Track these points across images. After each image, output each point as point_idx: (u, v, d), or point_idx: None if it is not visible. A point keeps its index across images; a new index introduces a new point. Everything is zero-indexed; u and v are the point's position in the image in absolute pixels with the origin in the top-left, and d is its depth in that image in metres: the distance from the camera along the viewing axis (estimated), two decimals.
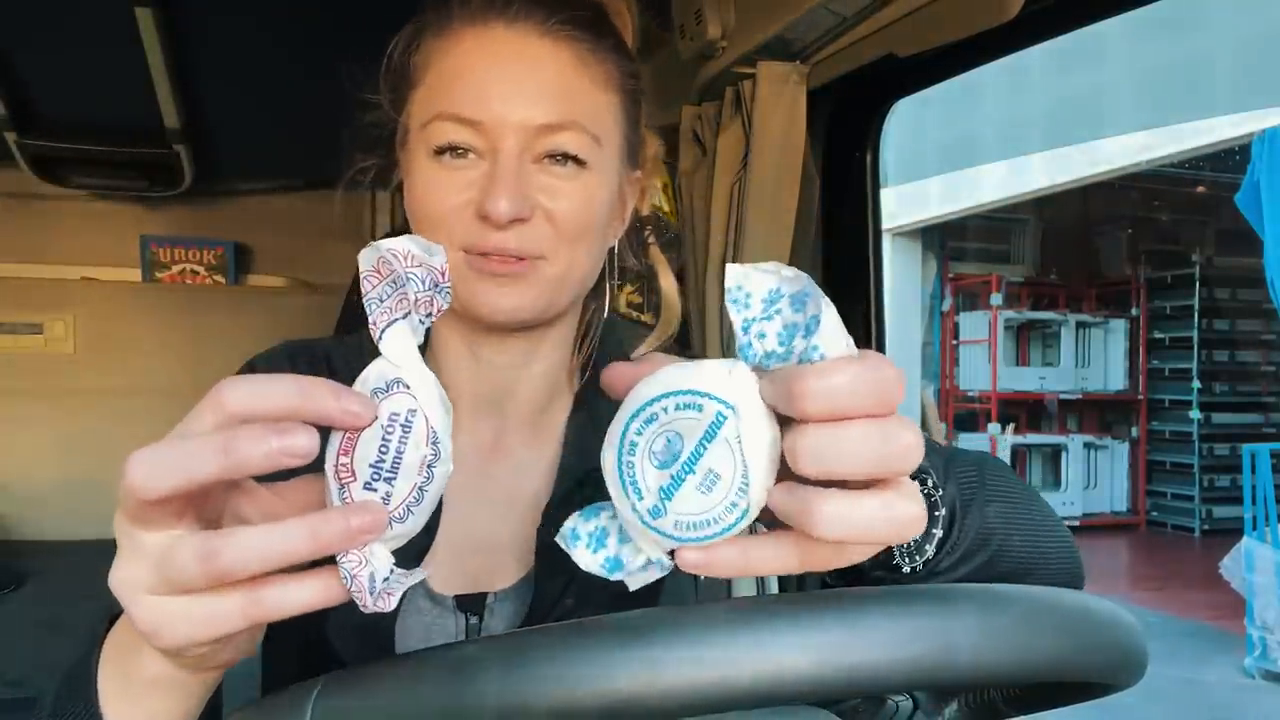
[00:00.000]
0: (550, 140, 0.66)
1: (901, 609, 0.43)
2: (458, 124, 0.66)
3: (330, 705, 0.45)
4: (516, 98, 0.65)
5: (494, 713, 0.41)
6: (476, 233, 0.66)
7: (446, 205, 0.66)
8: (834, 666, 0.41)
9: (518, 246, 0.66)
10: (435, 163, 0.67)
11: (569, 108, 0.67)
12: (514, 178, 0.65)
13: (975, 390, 9.34)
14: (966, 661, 0.42)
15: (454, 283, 0.62)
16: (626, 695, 0.40)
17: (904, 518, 0.38)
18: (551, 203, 0.67)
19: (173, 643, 0.41)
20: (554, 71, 0.67)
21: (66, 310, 2.37)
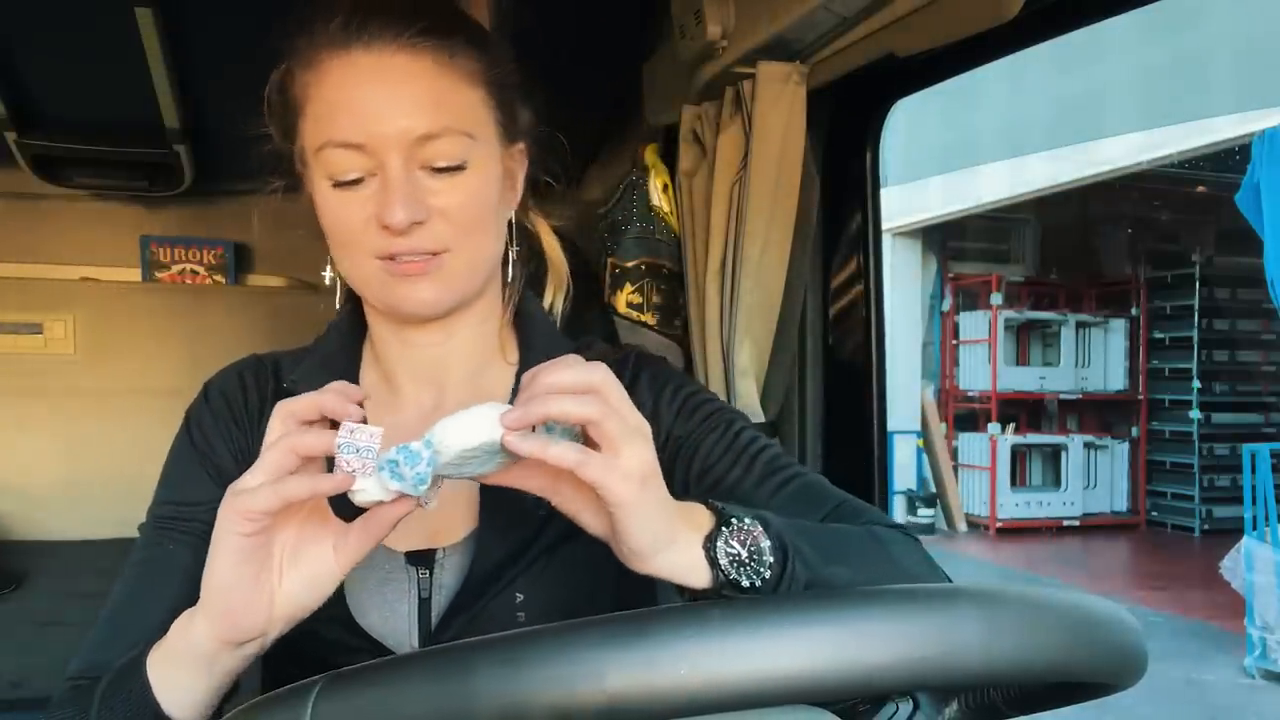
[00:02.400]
0: (429, 149, 0.73)
1: (901, 609, 0.43)
2: (345, 149, 0.73)
3: (330, 705, 0.45)
4: (390, 114, 0.72)
5: (493, 712, 0.41)
6: (383, 242, 0.73)
7: (353, 224, 0.74)
8: (835, 666, 0.41)
9: (422, 246, 0.74)
10: (332, 190, 0.74)
11: (439, 114, 0.73)
12: (404, 188, 0.72)
13: (975, 390, 9.34)
14: (967, 662, 0.42)
15: (375, 287, 0.77)
16: (625, 695, 0.40)
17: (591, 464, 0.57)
18: (444, 203, 0.74)
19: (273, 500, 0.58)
20: (418, 82, 0.73)
21: (66, 310, 2.37)
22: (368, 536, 0.63)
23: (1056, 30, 1.13)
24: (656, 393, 0.83)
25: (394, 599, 0.79)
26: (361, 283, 0.78)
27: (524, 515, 0.78)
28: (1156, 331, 9.29)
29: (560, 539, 0.78)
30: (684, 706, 0.40)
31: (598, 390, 0.60)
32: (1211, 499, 8.64)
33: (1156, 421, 9.35)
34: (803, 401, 1.54)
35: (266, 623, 0.62)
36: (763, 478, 0.79)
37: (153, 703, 0.63)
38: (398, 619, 0.79)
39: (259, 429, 0.76)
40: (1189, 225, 9.12)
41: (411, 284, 0.75)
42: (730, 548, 0.61)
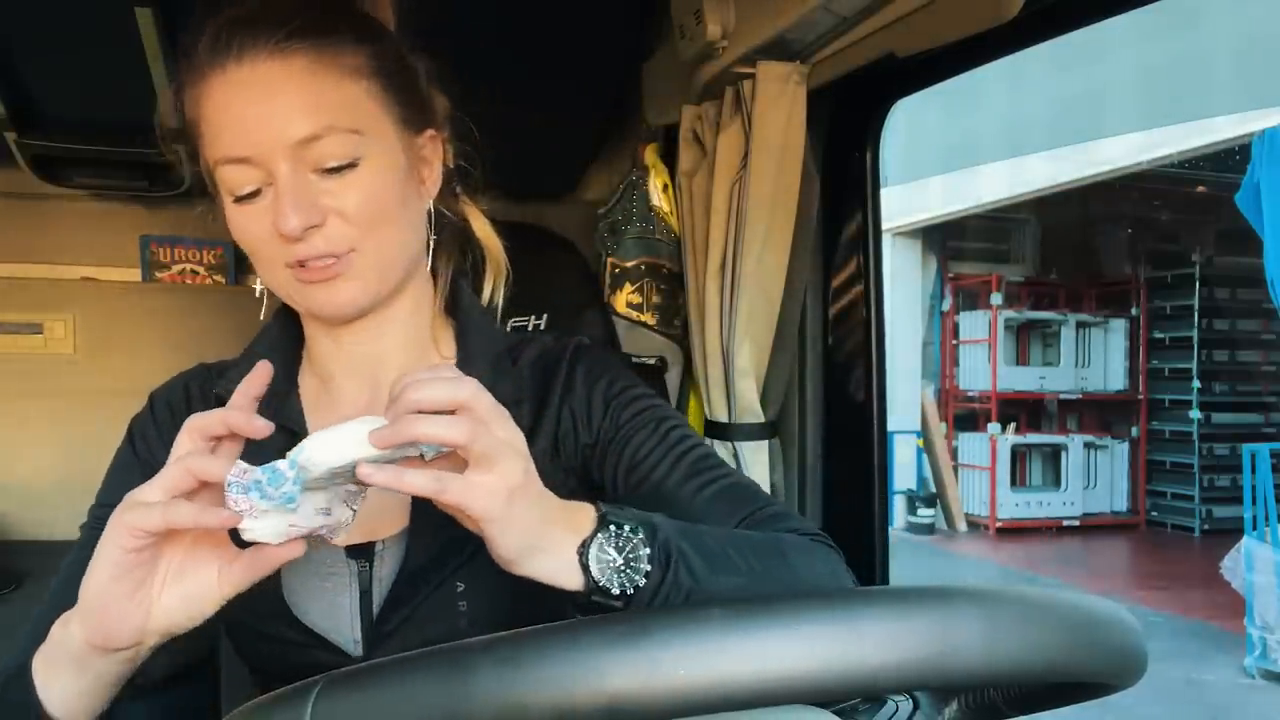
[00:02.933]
0: (315, 151, 0.72)
1: (901, 609, 0.43)
2: (235, 164, 0.73)
3: (330, 705, 0.45)
4: (267, 123, 0.71)
5: (493, 712, 0.41)
6: (287, 250, 0.73)
7: (257, 236, 0.75)
8: (835, 666, 0.41)
9: (325, 249, 0.73)
10: (233, 206, 0.75)
11: (318, 115, 0.72)
12: (294, 195, 0.71)
13: (975, 390, 9.34)
14: (968, 662, 0.42)
15: (293, 295, 0.77)
16: (625, 695, 0.40)
17: (449, 490, 0.58)
18: (340, 204, 0.73)
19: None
20: (291, 86, 0.72)
21: (66, 310, 2.36)
22: (252, 571, 0.62)
23: (1056, 30, 1.13)
24: (590, 385, 0.83)
25: (335, 593, 0.79)
26: (280, 291, 0.78)
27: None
28: (1156, 331, 9.29)
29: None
30: (685, 706, 0.40)
31: (467, 407, 0.59)
32: (1211, 499, 8.63)
33: (1156, 421, 9.35)
34: (803, 401, 1.54)
35: (140, 634, 0.62)
36: (688, 477, 0.79)
37: (36, 702, 0.64)
38: (340, 612, 0.79)
39: None
40: (1189, 225, 9.12)
41: (324, 288, 0.75)
42: (605, 554, 0.62)
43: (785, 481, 1.55)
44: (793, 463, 1.55)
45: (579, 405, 0.82)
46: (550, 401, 0.82)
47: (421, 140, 0.81)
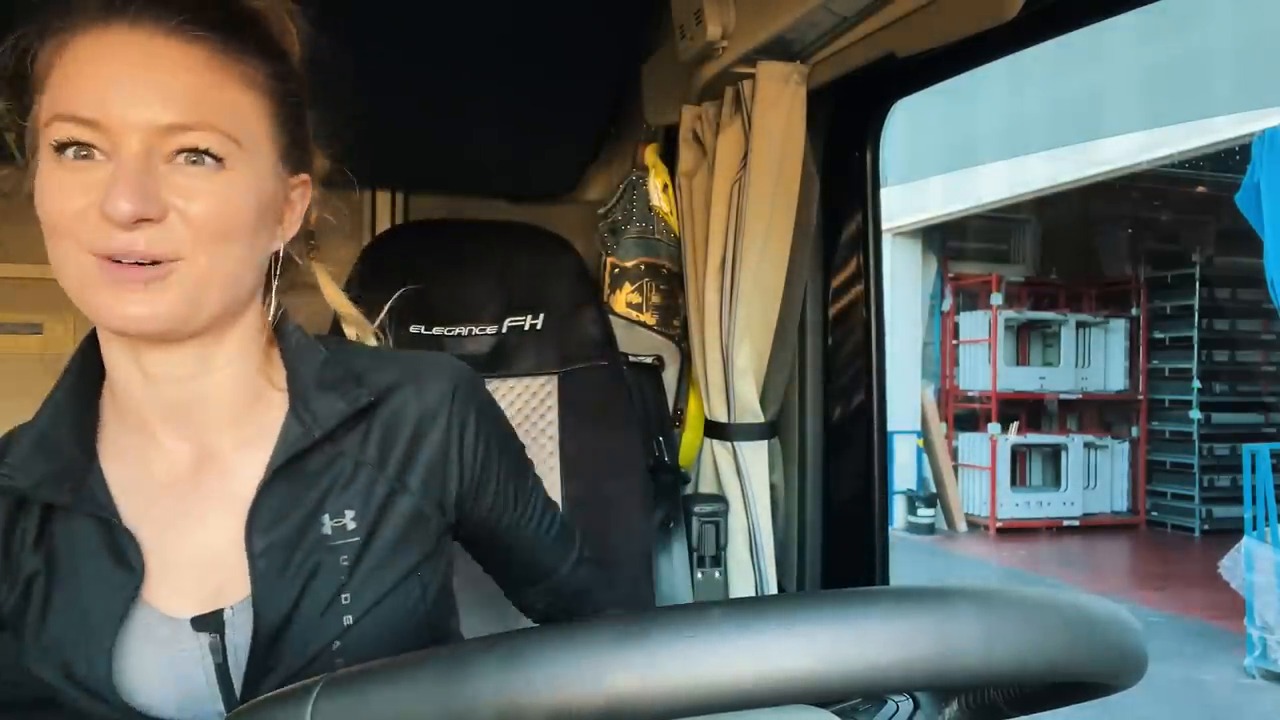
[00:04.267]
0: (179, 139, 0.64)
1: (901, 610, 0.43)
2: (76, 124, 0.63)
3: (331, 705, 0.45)
4: (140, 98, 0.63)
5: (493, 712, 0.41)
6: (104, 235, 0.63)
7: (72, 208, 0.63)
8: (835, 666, 0.41)
9: (147, 248, 0.63)
10: (58, 164, 0.64)
11: (200, 108, 0.65)
12: (136, 177, 0.62)
13: (975, 390, 9.34)
14: (968, 662, 0.42)
15: (84, 291, 0.64)
16: (625, 695, 0.40)
17: None
18: (186, 203, 0.64)
19: None
20: (182, 72, 0.65)
21: (66, 310, 2.35)
22: None
23: (1056, 30, 1.13)
24: (465, 425, 0.78)
25: (186, 674, 0.70)
26: (73, 283, 0.66)
27: (323, 542, 0.71)
28: (1156, 331, 9.28)
29: (381, 564, 0.73)
30: (684, 707, 0.40)
31: None
32: (1211, 499, 8.63)
33: (1156, 421, 9.35)
34: (803, 401, 1.54)
35: None
36: (539, 523, 0.87)
37: None
38: (198, 696, 0.70)
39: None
40: (1189, 225, 9.12)
41: (128, 292, 0.64)
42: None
43: (785, 481, 1.55)
44: (793, 463, 1.55)
45: (453, 441, 0.77)
46: (424, 431, 0.76)
47: (294, 181, 0.76)
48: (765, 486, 1.48)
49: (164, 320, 0.66)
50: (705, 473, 1.53)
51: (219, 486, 0.72)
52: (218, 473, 0.73)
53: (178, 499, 0.72)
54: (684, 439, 1.60)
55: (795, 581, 1.52)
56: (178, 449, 0.73)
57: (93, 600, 0.69)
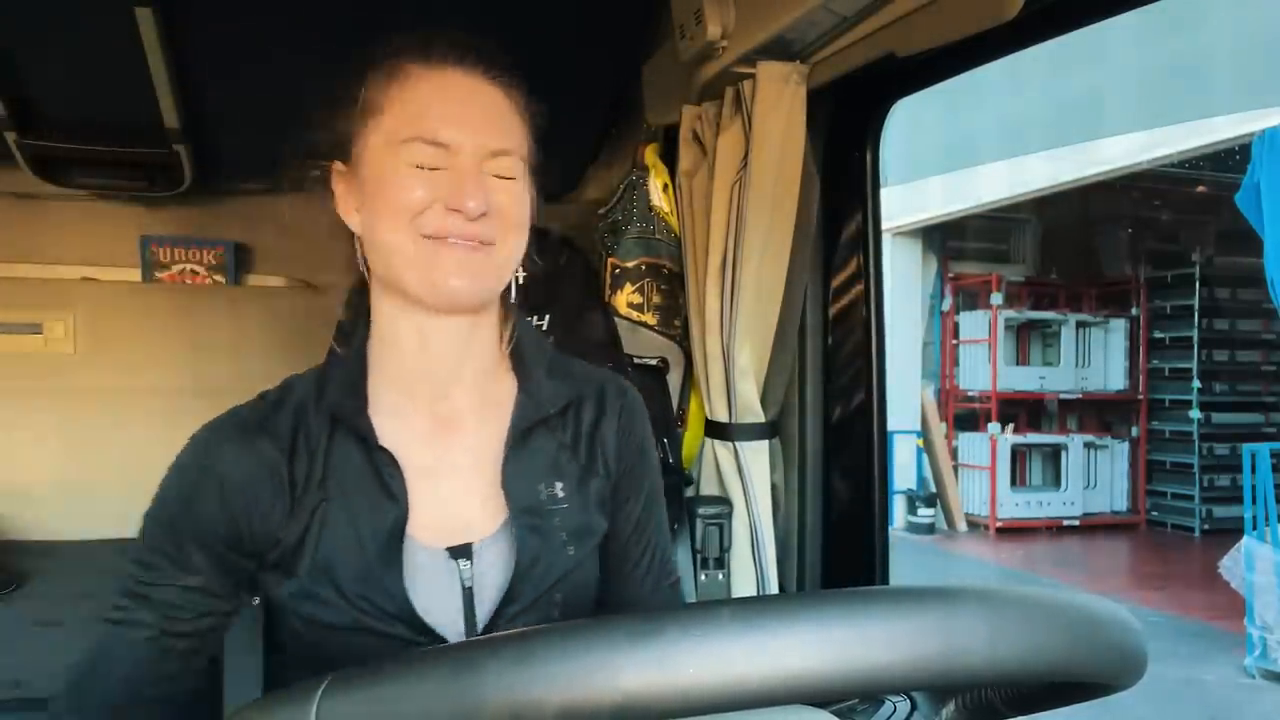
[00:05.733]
0: (498, 161, 0.85)
1: (906, 609, 0.43)
2: (433, 146, 0.83)
3: (335, 704, 0.45)
4: (475, 126, 0.85)
5: (501, 711, 0.41)
6: (446, 224, 0.82)
7: (418, 201, 0.82)
8: (838, 666, 0.41)
9: (479, 233, 0.83)
10: (410, 172, 0.83)
11: (507, 136, 0.87)
12: (478, 184, 0.83)
13: (975, 390, 9.33)
14: (971, 662, 0.42)
15: (418, 265, 0.83)
16: (633, 694, 0.40)
17: None
18: (500, 201, 0.85)
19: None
20: (497, 108, 0.87)
21: (66, 310, 2.36)
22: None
23: (1056, 30, 1.13)
24: (629, 427, 0.97)
25: (443, 592, 0.85)
26: (403, 260, 0.84)
27: (544, 505, 0.89)
28: (1156, 331, 9.28)
29: (580, 531, 0.90)
30: (691, 705, 0.40)
31: None
32: (1211, 499, 8.63)
33: (1156, 421, 9.35)
34: (803, 401, 1.54)
35: None
36: (648, 570, 0.98)
37: None
38: (451, 611, 0.85)
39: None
40: (1189, 225, 9.12)
41: (459, 264, 0.83)
42: None
43: (785, 481, 1.55)
44: (793, 463, 1.55)
45: (619, 436, 0.96)
46: (602, 415, 0.95)
47: (533, 193, 0.92)
48: (766, 486, 1.48)
49: (479, 293, 0.86)
50: (707, 473, 1.53)
51: (458, 442, 0.89)
52: (459, 431, 0.90)
53: (427, 448, 0.88)
54: (685, 439, 1.60)
55: (795, 581, 1.53)
56: (428, 408, 0.89)
57: (366, 531, 0.83)
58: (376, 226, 0.85)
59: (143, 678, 0.83)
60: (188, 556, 0.83)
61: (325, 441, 0.86)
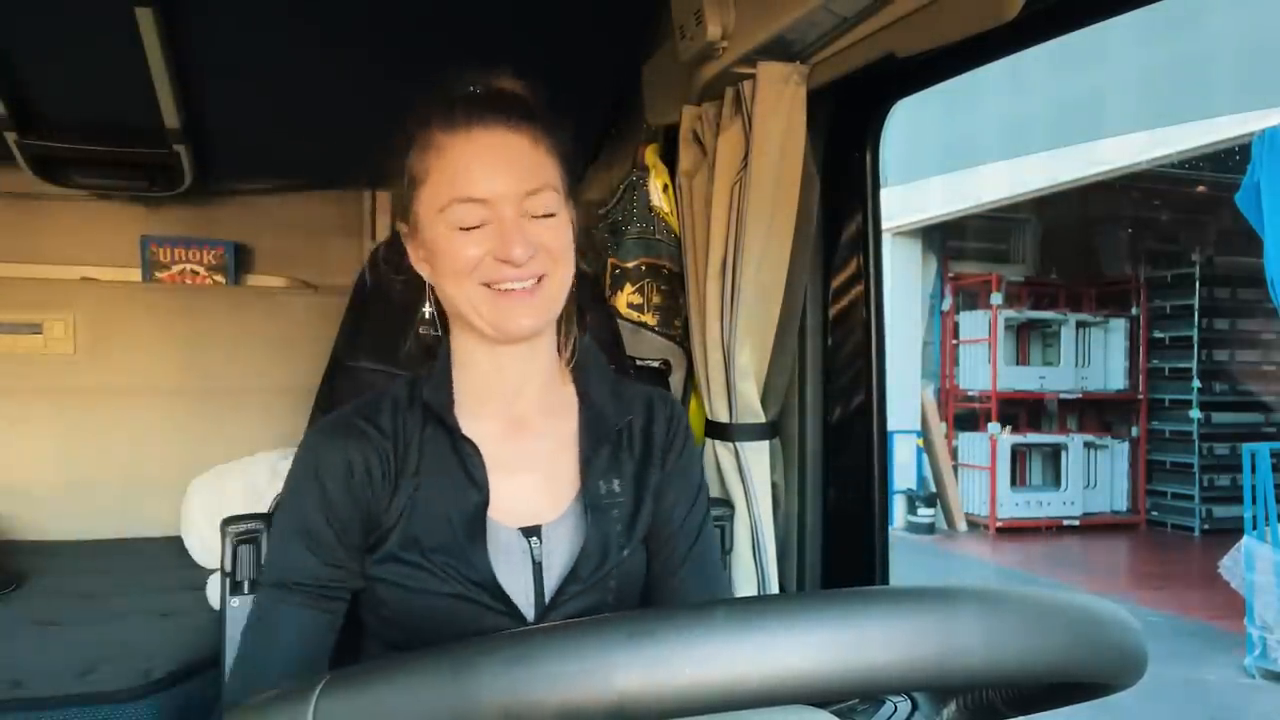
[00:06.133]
0: (533, 201, 0.94)
1: (905, 610, 0.43)
2: (471, 203, 0.93)
3: (332, 704, 0.45)
4: (506, 176, 0.93)
5: (496, 711, 0.41)
6: (495, 272, 0.93)
7: (474, 256, 0.93)
8: (836, 666, 0.41)
9: (532, 273, 0.94)
10: (458, 234, 0.93)
11: (539, 175, 0.95)
12: (520, 232, 0.92)
13: (975, 390, 9.33)
14: (969, 662, 0.43)
15: (484, 310, 0.96)
16: (629, 694, 0.40)
17: None
18: (544, 240, 0.94)
19: None
20: (523, 153, 0.95)
21: (66, 310, 2.37)
22: None
23: (1057, 30, 1.13)
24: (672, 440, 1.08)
25: (518, 566, 0.97)
26: (470, 307, 0.95)
27: (603, 498, 1.01)
28: (1156, 331, 9.28)
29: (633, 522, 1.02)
30: (689, 706, 0.40)
31: None
32: (1211, 498, 8.62)
33: (1156, 421, 9.34)
34: (803, 401, 1.54)
35: None
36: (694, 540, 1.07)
37: None
38: (524, 582, 0.97)
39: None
40: (1189, 225, 9.11)
41: (519, 305, 0.94)
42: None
43: (785, 481, 1.55)
44: (793, 463, 1.55)
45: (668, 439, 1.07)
46: (653, 423, 1.07)
47: (571, 209, 1.02)
48: (767, 486, 1.48)
49: (540, 323, 0.98)
50: (708, 473, 1.53)
51: (526, 440, 1.02)
52: (528, 432, 1.02)
53: (501, 444, 1.00)
54: None
55: (795, 581, 1.53)
56: (502, 413, 1.02)
57: (453, 510, 0.96)
58: (442, 281, 0.97)
59: (303, 644, 0.94)
60: (325, 537, 0.95)
61: (419, 433, 0.99)
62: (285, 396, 2.20)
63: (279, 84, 1.87)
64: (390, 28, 1.67)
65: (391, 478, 0.97)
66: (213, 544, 1.19)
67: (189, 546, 2.14)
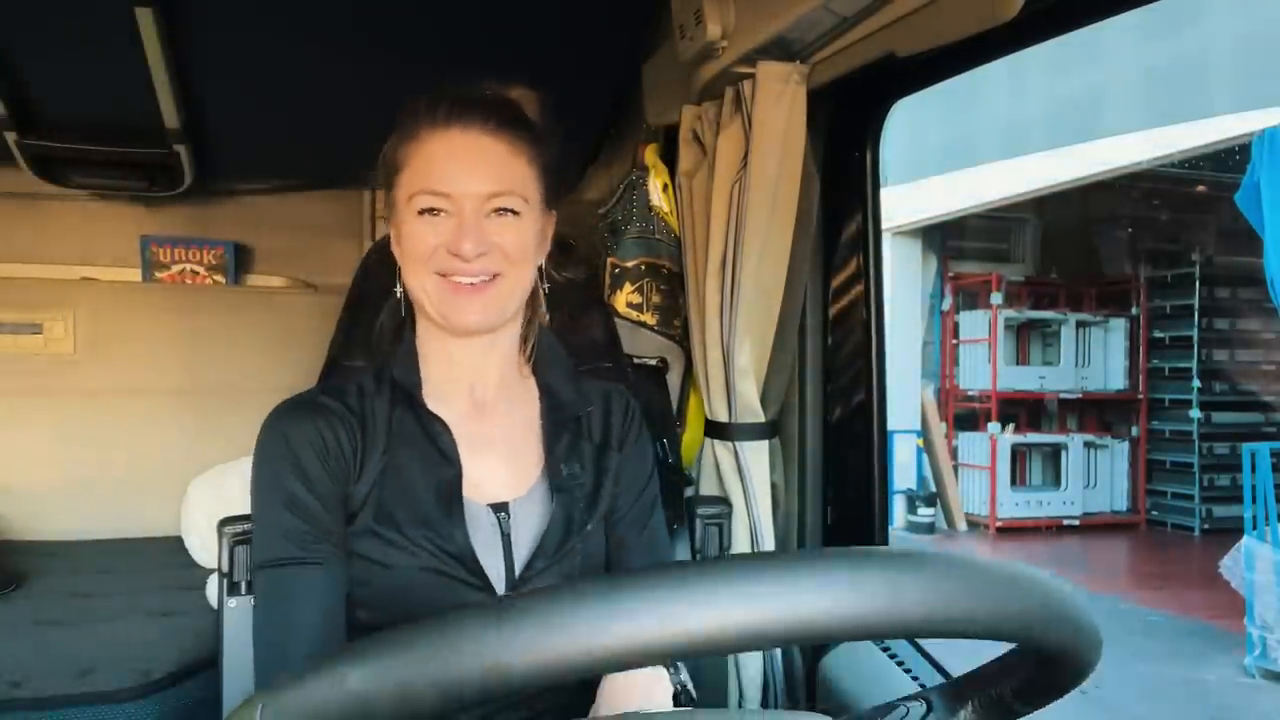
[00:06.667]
0: (495, 201, 0.98)
1: (857, 567, 0.46)
2: (434, 195, 0.98)
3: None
4: (472, 176, 0.98)
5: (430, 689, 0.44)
6: (450, 265, 0.98)
7: (428, 246, 0.98)
8: (796, 616, 0.44)
9: (482, 269, 0.98)
10: (419, 219, 0.98)
11: (505, 181, 0.99)
12: (475, 228, 0.97)
13: (975, 389, 9.33)
14: (908, 615, 0.46)
15: (434, 299, 1.00)
16: (541, 664, 0.43)
17: None
18: (500, 239, 0.99)
19: None
20: (497, 157, 0.99)
21: (66, 310, 2.36)
22: None
23: (1057, 30, 1.13)
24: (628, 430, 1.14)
25: (489, 540, 1.01)
26: (424, 295, 1.00)
27: (566, 479, 1.06)
28: (1156, 331, 9.27)
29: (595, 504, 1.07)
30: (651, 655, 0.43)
31: None
32: (1211, 498, 8.62)
33: (1156, 421, 9.34)
34: (803, 401, 1.54)
35: None
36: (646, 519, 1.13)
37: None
38: (495, 556, 1.01)
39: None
40: (1189, 225, 9.11)
41: (466, 300, 0.99)
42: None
43: (785, 481, 1.55)
44: (793, 462, 1.55)
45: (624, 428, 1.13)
46: (610, 413, 1.13)
47: (549, 215, 1.08)
48: (766, 486, 1.48)
49: (492, 320, 1.02)
50: (706, 473, 1.53)
51: (491, 422, 1.07)
52: (492, 414, 1.07)
53: (468, 423, 1.05)
54: (684, 439, 1.60)
55: None
56: (466, 395, 1.06)
57: (426, 484, 1.00)
58: (404, 266, 1.02)
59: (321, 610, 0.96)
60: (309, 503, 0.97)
61: (389, 412, 1.03)
62: (285, 396, 2.19)
63: (279, 84, 1.87)
64: (390, 28, 1.67)
65: (360, 451, 1.00)
66: (213, 544, 1.19)
67: (189, 546, 2.14)
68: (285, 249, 2.64)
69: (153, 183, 2.25)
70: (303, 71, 1.80)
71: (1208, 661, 5.18)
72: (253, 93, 1.92)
